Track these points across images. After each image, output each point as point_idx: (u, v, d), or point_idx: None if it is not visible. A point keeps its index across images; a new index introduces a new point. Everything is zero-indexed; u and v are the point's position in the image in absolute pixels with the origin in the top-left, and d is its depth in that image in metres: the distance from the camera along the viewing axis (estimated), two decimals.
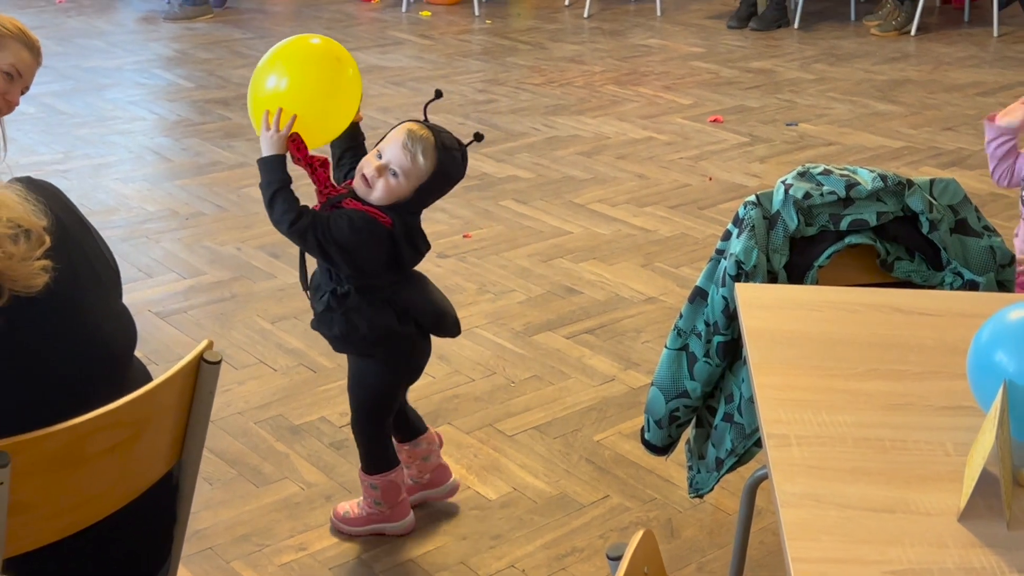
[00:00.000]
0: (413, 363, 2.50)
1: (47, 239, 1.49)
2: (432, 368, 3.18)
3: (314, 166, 2.31)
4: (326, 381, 3.10)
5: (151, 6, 7.48)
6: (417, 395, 3.03)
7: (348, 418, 2.93)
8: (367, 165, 2.28)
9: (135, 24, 7.15)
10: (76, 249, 1.57)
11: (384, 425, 2.51)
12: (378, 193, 2.27)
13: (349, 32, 6.98)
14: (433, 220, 4.12)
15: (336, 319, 2.36)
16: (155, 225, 4.10)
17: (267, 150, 2.26)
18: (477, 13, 7.44)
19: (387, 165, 2.26)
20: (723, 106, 5.62)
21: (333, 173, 2.41)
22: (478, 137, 2.39)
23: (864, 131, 5.26)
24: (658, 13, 7.52)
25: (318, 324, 2.42)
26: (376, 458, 2.50)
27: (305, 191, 2.30)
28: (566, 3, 7.73)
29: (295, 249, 3.87)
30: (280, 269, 3.75)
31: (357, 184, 2.29)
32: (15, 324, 1.45)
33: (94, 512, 1.54)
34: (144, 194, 4.38)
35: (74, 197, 1.75)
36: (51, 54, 6.35)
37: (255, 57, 6.49)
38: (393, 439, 2.57)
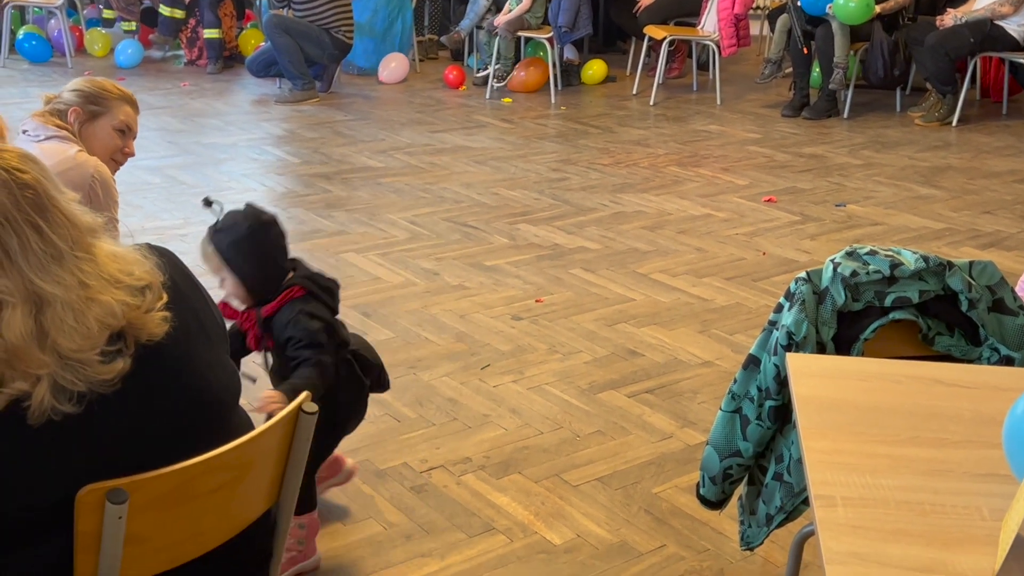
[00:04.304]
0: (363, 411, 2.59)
1: (164, 295, 1.52)
2: (504, 421, 3.18)
3: (243, 320, 2.44)
4: (409, 430, 3.11)
5: (264, 90, 7.67)
6: (490, 446, 3.03)
7: (428, 464, 2.95)
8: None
9: (250, 106, 7.33)
10: (188, 308, 1.59)
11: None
12: (233, 301, 2.42)
13: (438, 115, 7.08)
14: (508, 286, 4.14)
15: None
16: None
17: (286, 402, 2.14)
18: (553, 100, 7.52)
19: (221, 281, 2.41)
20: (776, 187, 5.59)
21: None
22: (206, 203, 2.48)
23: (908, 213, 5.19)
24: (718, 102, 7.53)
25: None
26: (307, 499, 2.48)
27: None
28: (634, 92, 7.78)
29: (385, 309, 3.90)
30: (370, 327, 3.78)
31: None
32: (137, 372, 1.48)
33: (201, 545, 1.55)
34: None
35: (190, 258, 1.80)
36: (175, 131, 6.55)
37: (355, 137, 6.64)
38: None
